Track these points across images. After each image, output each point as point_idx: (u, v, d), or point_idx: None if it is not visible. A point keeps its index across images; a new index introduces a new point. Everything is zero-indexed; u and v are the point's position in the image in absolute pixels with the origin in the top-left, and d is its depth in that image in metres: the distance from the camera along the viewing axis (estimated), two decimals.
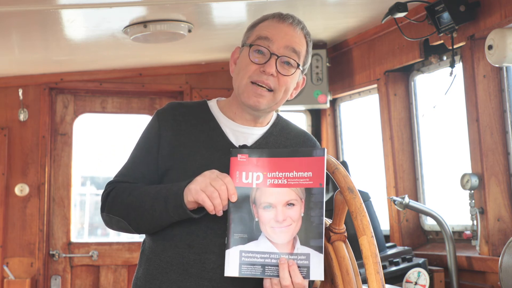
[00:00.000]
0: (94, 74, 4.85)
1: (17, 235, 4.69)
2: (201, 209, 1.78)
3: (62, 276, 4.79)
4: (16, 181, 4.71)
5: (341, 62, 4.46)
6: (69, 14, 3.36)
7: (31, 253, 4.68)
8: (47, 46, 4.08)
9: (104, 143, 5.47)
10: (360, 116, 4.66)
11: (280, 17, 1.91)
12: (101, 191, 1.96)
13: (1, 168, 4.68)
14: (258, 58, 1.88)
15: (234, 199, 1.75)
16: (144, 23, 3.53)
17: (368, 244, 1.64)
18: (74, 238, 4.90)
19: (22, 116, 4.72)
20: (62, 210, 4.84)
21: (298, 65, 1.90)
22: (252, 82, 1.88)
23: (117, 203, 1.88)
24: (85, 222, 6.45)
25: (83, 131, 5.02)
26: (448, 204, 3.77)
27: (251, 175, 1.78)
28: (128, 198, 1.86)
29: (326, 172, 1.78)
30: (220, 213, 1.75)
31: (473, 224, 3.32)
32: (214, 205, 1.73)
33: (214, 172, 1.76)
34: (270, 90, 1.88)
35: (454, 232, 3.55)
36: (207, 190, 1.72)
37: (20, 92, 4.68)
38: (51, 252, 4.78)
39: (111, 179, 1.98)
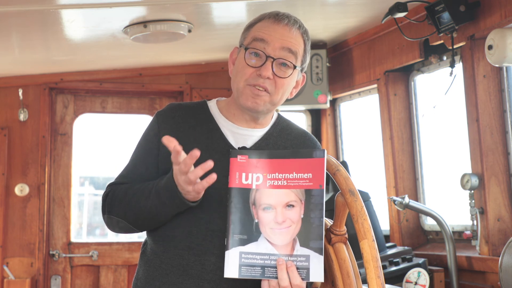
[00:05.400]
0: (94, 74, 4.85)
1: (17, 235, 4.69)
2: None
3: (62, 276, 4.79)
4: (16, 181, 4.70)
5: (341, 62, 4.45)
6: (69, 14, 3.35)
7: (31, 253, 4.68)
8: (47, 46, 4.08)
9: (104, 143, 5.46)
10: (360, 116, 4.65)
11: (276, 18, 1.89)
12: (100, 191, 1.98)
13: (1, 168, 4.67)
14: (254, 60, 1.86)
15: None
16: (144, 23, 3.53)
17: (369, 248, 1.64)
18: (73, 238, 4.90)
19: (22, 116, 4.71)
20: (62, 210, 4.83)
21: (295, 66, 1.89)
22: (249, 85, 1.86)
23: (115, 205, 1.89)
24: (84, 222, 6.45)
25: (83, 131, 5.01)
26: (448, 204, 3.77)
27: (251, 176, 1.78)
28: (125, 199, 1.87)
29: (327, 172, 1.78)
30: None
31: (473, 224, 3.32)
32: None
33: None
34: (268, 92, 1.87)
35: (454, 232, 3.55)
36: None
37: (20, 92, 4.67)
38: (51, 252, 4.78)
39: (112, 180, 1.99)
